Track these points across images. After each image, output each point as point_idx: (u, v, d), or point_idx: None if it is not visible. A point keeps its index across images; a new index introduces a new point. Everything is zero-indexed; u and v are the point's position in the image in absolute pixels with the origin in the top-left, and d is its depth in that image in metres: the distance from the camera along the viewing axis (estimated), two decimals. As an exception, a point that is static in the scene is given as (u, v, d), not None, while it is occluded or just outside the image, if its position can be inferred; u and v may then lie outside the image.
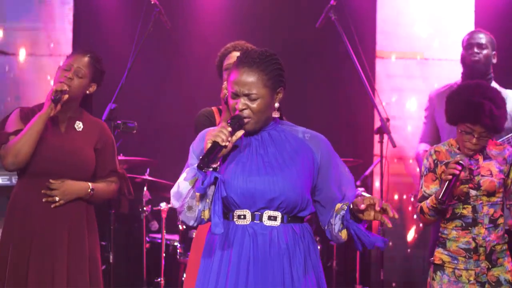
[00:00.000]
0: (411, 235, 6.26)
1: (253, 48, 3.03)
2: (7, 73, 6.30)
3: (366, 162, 6.06)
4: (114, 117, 4.79)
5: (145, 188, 5.65)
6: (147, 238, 5.70)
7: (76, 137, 3.99)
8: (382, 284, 5.30)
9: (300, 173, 2.82)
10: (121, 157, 5.55)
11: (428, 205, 3.73)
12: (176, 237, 5.72)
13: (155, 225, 5.75)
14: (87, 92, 4.02)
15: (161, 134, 6.38)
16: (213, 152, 2.73)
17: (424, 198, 3.81)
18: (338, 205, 2.86)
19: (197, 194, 2.76)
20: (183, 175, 2.81)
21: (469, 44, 5.08)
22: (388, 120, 5.25)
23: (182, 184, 2.79)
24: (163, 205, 5.53)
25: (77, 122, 4.02)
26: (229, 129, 2.76)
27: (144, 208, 5.61)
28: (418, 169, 5.37)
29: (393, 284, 6.18)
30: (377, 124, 5.47)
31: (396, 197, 6.20)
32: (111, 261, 4.69)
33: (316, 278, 2.85)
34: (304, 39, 6.34)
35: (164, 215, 5.53)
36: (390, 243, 6.10)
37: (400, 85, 6.17)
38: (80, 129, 4.02)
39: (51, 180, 3.87)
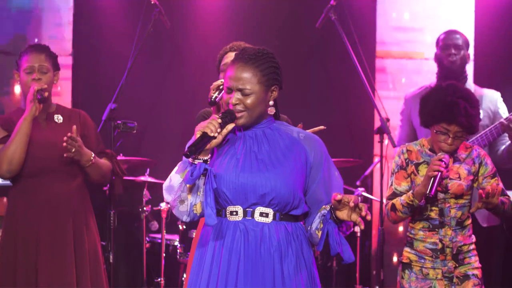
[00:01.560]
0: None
1: (251, 46, 3.03)
2: (7, 73, 6.29)
3: (366, 162, 6.06)
4: (114, 117, 4.80)
5: (145, 188, 5.65)
6: (147, 238, 5.70)
7: (59, 129, 4.03)
8: (382, 284, 5.30)
9: (292, 171, 2.82)
10: (121, 157, 5.56)
11: (403, 202, 3.71)
12: (176, 237, 5.72)
13: (155, 225, 5.75)
14: (55, 82, 4.08)
15: (161, 134, 6.37)
16: (201, 142, 2.75)
17: (395, 195, 3.78)
18: (323, 207, 2.86)
19: (188, 186, 2.78)
20: (175, 168, 2.83)
21: (445, 45, 5.07)
22: (388, 120, 5.25)
23: (174, 177, 2.82)
24: (163, 205, 5.52)
25: (56, 115, 4.08)
26: (219, 120, 2.78)
27: (144, 208, 5.61)
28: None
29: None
30: (377, 124, 5.47)
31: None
32: (111, 261, 4.70)
33: (309, 278, 2.84)
34: (304, 39, 6.34)
35: (164, 215, 5.53)
36: (389, 244, 6.10)
37: (400, 85, 6.16)
38: (61, 121, 4.07)
39: (72, 134, 3.87)
